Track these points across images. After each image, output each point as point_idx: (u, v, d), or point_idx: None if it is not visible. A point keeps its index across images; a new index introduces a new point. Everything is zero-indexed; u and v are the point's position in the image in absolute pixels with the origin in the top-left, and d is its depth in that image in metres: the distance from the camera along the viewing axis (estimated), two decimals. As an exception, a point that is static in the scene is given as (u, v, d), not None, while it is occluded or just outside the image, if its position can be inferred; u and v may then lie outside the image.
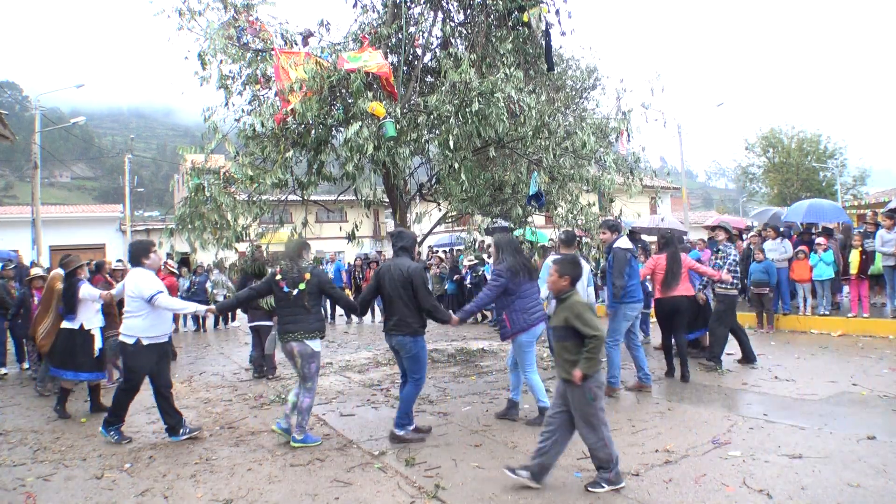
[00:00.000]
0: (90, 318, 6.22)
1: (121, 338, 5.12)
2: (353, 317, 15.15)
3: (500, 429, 5.13)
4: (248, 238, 7.59)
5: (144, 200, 65.17)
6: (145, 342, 5.06)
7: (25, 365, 8.85)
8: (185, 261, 9.40)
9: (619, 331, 6.20)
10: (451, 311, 5.43)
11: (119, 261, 9.96)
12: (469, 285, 13.91)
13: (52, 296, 6.81)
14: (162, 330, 5.21)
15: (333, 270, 15.54)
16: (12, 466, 4.67)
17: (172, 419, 5.20)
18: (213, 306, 5.55)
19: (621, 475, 3.73)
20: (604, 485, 3.66)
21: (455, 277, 14.29)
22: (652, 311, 7.72)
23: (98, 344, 6.29)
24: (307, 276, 4.90)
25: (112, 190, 71.24)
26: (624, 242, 6.19)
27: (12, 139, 9.50)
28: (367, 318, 14.99)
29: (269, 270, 7.86)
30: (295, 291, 4.86)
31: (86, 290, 6.15)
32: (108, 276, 8.55)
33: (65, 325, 6.15)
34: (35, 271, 8.98)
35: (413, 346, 4.87)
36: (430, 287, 5.12)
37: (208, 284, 13.25)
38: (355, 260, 15.77)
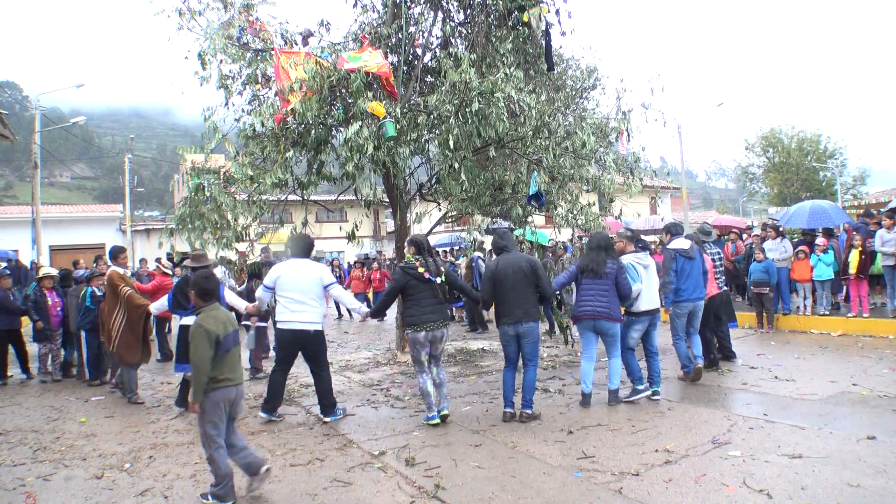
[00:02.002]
0: None
1: (312, 326, 5.42)
2: (353, 316, 15.26)
3: (501, 429, 5.13)
4: (248, 238, 7.59)
5: (144, 200, 65.19)
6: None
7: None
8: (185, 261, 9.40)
9: (675, 327, 6.54)
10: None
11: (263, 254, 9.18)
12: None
13: (118, 296, 6.64)
14: None
15: None
16: (12, 466, 4.67)
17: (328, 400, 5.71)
18: (366, 310, 5.90)
19: (232, 493, 3.72)
20: (209, 497, 3.73)
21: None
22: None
23: None
24: (442, 268, 5.41)
25: (112, 190, 71.27)
26: (676, 243, 6.55)
27: (12, 139, 9.50)
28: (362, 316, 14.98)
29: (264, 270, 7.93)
30: (439, 280, 5.31)
31: (229, 295, 6.12)
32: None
33: (186, 321, 5.95)
34: (46, 271, 8.91)
35: (537, 332, 5.40)
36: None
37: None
38: (332, 260, 15.83)
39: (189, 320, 5.83)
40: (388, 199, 8.60)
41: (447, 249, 18.30)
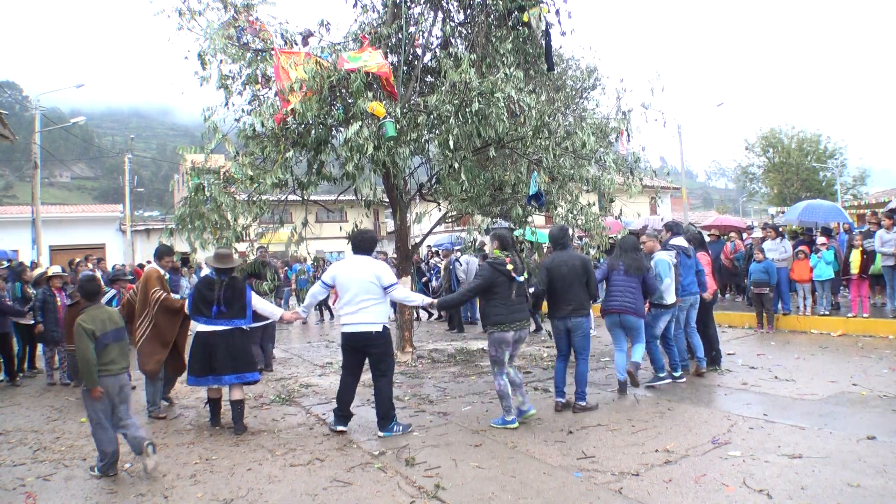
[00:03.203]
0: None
1: (372, 328, 5.05)
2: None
3: (501, 429, 5.13)
4: (248, 238, 7.58)
5: (144, 200, 65.15)
6: (387, 326, 5.19)
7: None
8: (185, 260, 9.39)
9: (679, 320, 6.79)
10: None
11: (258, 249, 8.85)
12: (434, 286, 14.01)
13: (148, 298, 5.79)
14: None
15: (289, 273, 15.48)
16: (12, 466, 4.67)
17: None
18: (429, 300, 5.59)
19: (113, 468, 4.31)
20: (96, 469, 4.34)
21: (423, 280, 14.52)
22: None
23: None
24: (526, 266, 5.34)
25: (112, 190, 71.25)
26: (677, 241, 6.89)
27: (12, 139, 9.50)
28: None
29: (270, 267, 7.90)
30: (522, 278, 5.17)
31: (260, 302, 5.65)
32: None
33: (203, 328, 5.36)
34: (54, 269, 8.83)
35: (587, 326, 5.63)
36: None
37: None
38: (314, 262, 15.74)
39: (207, 327, 5.32)
40: (388, 199, 8.60)
41: (437, 251, 18.21)
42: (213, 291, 5.33)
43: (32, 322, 8.08)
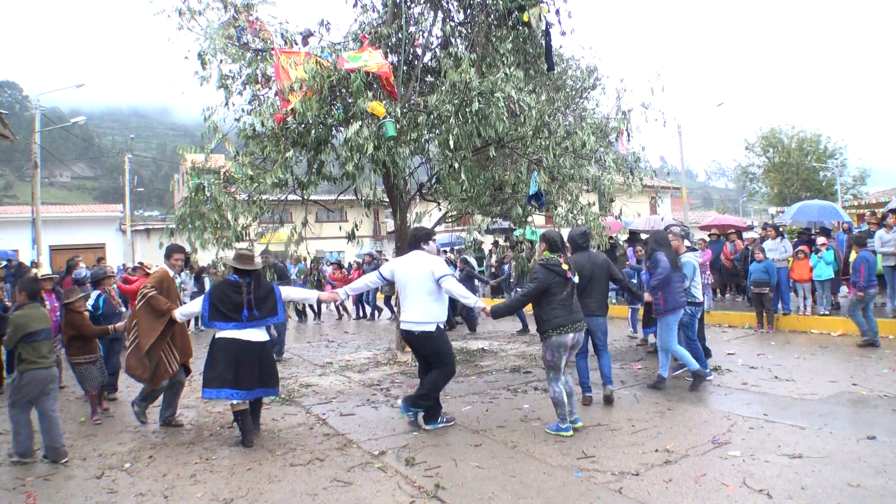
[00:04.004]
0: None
1: (416, 327, 5.01)
2: (344, 315, 15.54)
3: (501, 429, 5.13)
4: (248, 238, 7.59)
5: (144, 200, 65.23)
6: (441, 326, 5.18)
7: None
8: (185, 260, 9.39)
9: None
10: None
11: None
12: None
13: (138, 293, 5.50)
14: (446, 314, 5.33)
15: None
16: (12, 466, 4.67)
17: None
18: (487, 307, 5.31)
19: (30, 451, 4.63)
20: (11, 456, 4.67)
21: None
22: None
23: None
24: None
25: (112, 190, 71.29)
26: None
27: (12, 139, 9.50)
28: (351, 314, 15.05)
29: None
30: (576, 278, 5.09)
31: (292, 291, 5.60)
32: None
33: (227, 334, 5.01)
34: (44, 272, 8.72)
35: (605, 323, 5.89)
36: None
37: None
38: (312, 262, 15.75)
39: (236, 334, 4.97)
40: (388, 199, 8.60)
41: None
42: (240, 294, 5.02)
43: None
